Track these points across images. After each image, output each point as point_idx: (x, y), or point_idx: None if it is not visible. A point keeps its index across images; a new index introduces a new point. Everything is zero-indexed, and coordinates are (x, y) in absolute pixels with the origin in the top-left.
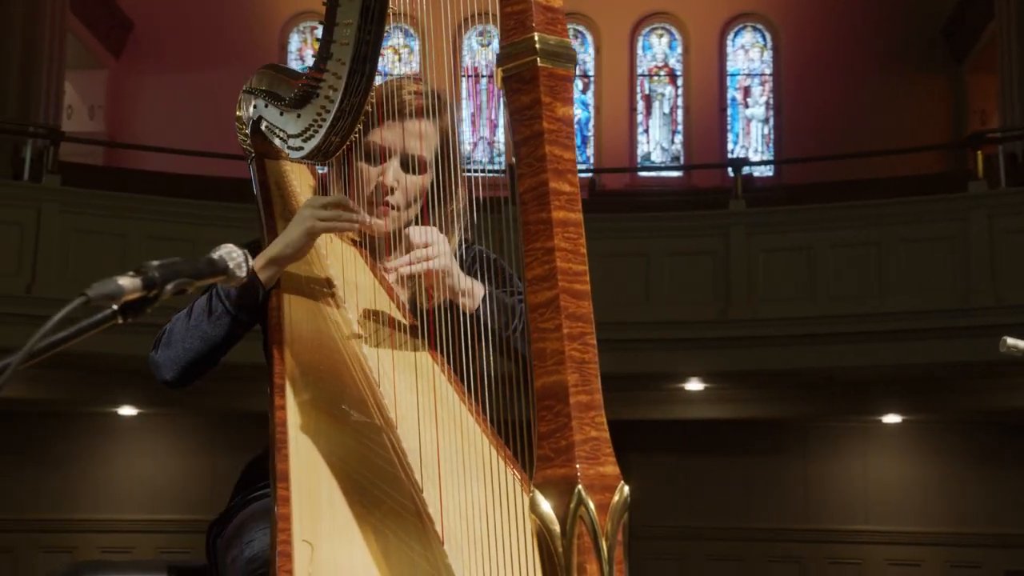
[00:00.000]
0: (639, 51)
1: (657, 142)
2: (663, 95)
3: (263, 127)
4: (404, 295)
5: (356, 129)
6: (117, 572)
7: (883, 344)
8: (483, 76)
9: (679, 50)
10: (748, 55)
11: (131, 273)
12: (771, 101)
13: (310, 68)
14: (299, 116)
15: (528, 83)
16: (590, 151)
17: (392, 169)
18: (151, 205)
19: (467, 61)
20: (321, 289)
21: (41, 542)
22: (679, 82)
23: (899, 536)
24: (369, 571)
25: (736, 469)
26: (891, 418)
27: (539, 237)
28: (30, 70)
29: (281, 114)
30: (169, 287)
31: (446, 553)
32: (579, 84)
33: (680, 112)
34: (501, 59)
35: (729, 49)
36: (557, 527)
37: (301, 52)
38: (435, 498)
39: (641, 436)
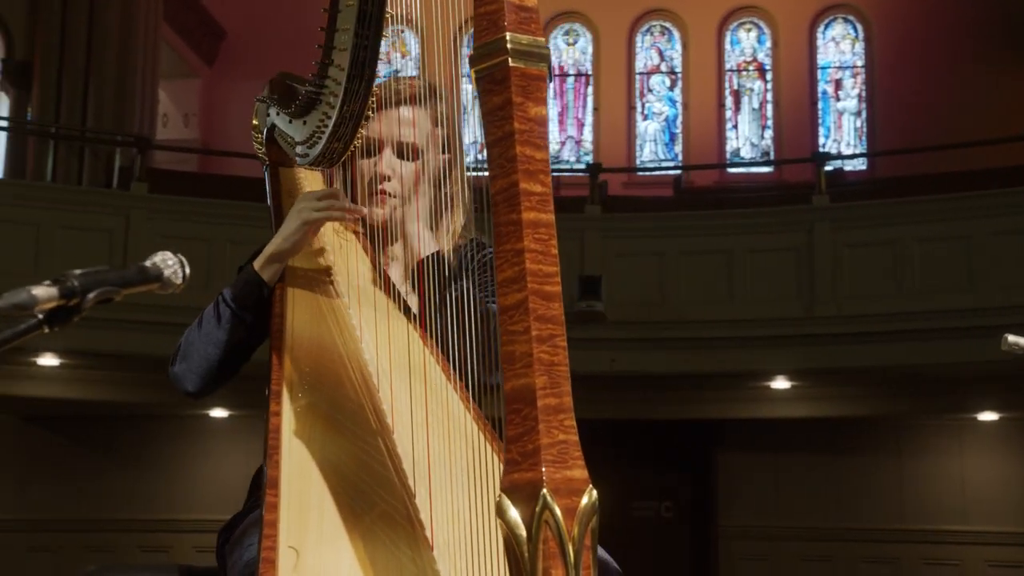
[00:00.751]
0: (727, 46)
1: (746, 138)
2: (752, 90)
3: (276, 135)
4: (414, 301)
5: (359, 135)
6: (134, 573)
7: (974, 340)
8: (569, 75)
9: (768, 44)
10: (839, 47)
11: (47, 282)
12: (863, 93)
13: (313, 75)
14: (304, 123)
15: (500, 83)
16: (678, 148)
17: (386, 157)
18: (235, 210)
19: (553, 60)
20: (325, 293)
21: (138, 542)
22: (768, 76)
23: (999, 537)
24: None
25: (827, 468)
26: (987, 415)
27: (509, 239)
28: (125, 80)
29: (289, 122)
30: (91, 296)
31: (435, 558)
32: (667, 81)
33: (769, 107)
34: (473, 60)
35: (819, 42)
36: (523, 532)
37: (388, 56)
38: (427, 503)
39: (729, 436)
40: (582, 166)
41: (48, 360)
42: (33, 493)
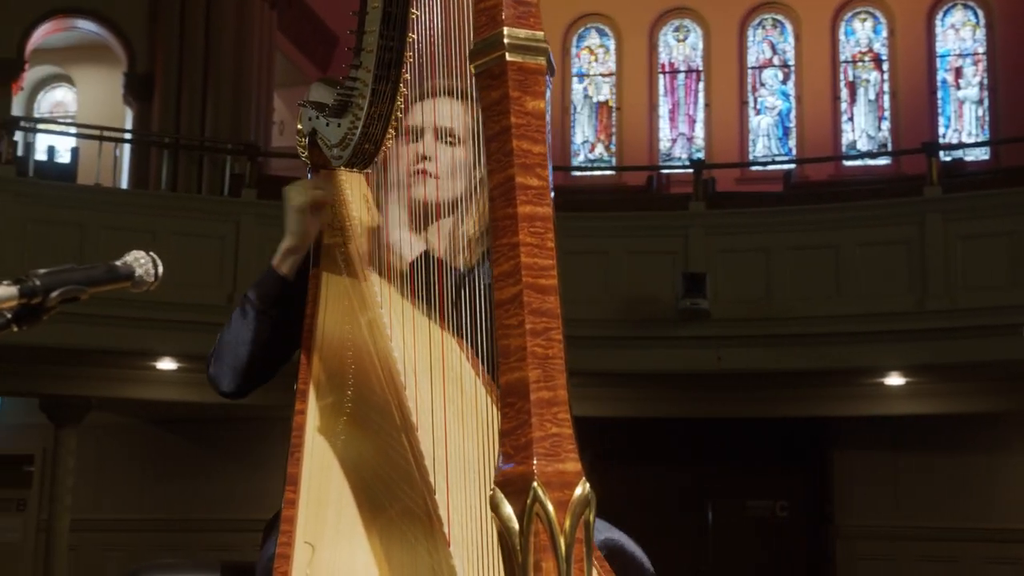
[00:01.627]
0: (841, 37)
1: (863, 130)
2: (868, 81)
3: (317, 138)
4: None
5: (389, 135)
6: (175, 572)
7: None
8: (680, 72)
9: (884, 34)
10: (959, 35)
11: (7, 282)
12: (985, 81)
13: (344, 77)
14: (339, 125)
15: (497, 78)
16: (792, 142)
17: (427, 140)
18: None
19: (663, 57)
20: (357, 291)
21: (254, 541)
22: (884, 67)
23: None
24: (369, 572)
25: (949, 466)
26: None
27: (505, 233)
28: (241, 90)
29: (327, 124)
30: (54, 294)
31: (451, 554)
32: (779, 74)
33: (886, 98)
34: (472, 55)
35: (938, 30)
36: (516, 525)
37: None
38: (445, 499)
39: (843, 434)
40: (686, 163)
41: (166, 364)
42: (158, 493)
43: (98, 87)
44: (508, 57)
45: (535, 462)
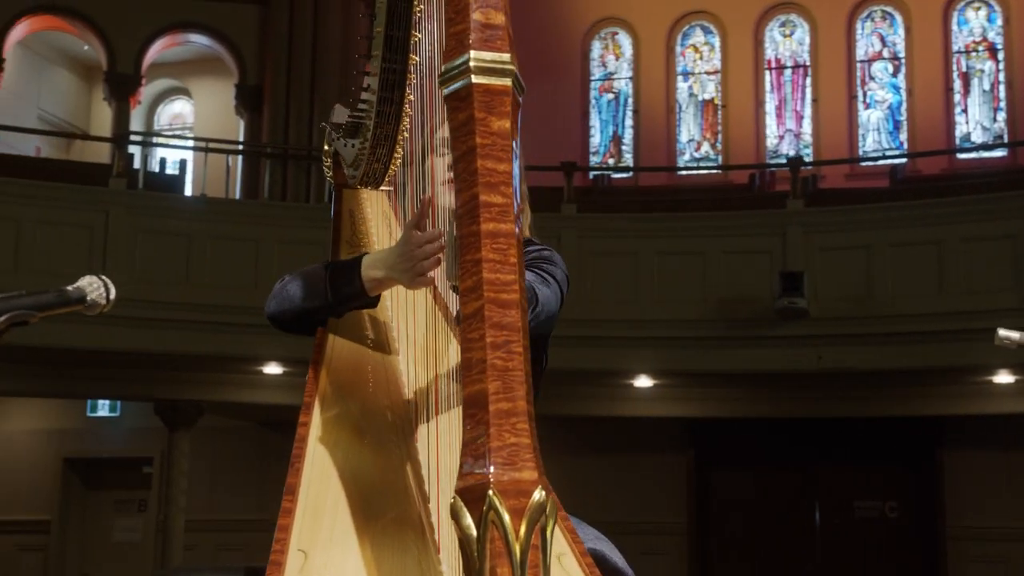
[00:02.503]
0: (953, 27)
1: (977, 121)
2: (982, 71)
3: (339, 158)
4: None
5: (398, 153)
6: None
7: None
8: (787, 67)
9: (999, 22)
10: None
11: None
12: None
13: (353, 100)
14: (352, 145)
15: (464, 100)
16: (903, 136)
17: None
18: None
19: (769, 53)
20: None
21: None
22: (1000, 56)
23: None
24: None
25: None
26: None
27: (469, 250)
28: (347, 98)
29: (344, 145)
30: (2, 319)
31: (440, 560)
32: (889, 67)
33: (1002, 88)
34: (442, 80)
35: None
36: (474, 532)
37: (603, 59)
38: (436, 508)
39: (952, 433)
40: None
41: (272, 368)
42: (269, 493)
43: (213, 99)
44: (474, 80)
45: (492, 471)
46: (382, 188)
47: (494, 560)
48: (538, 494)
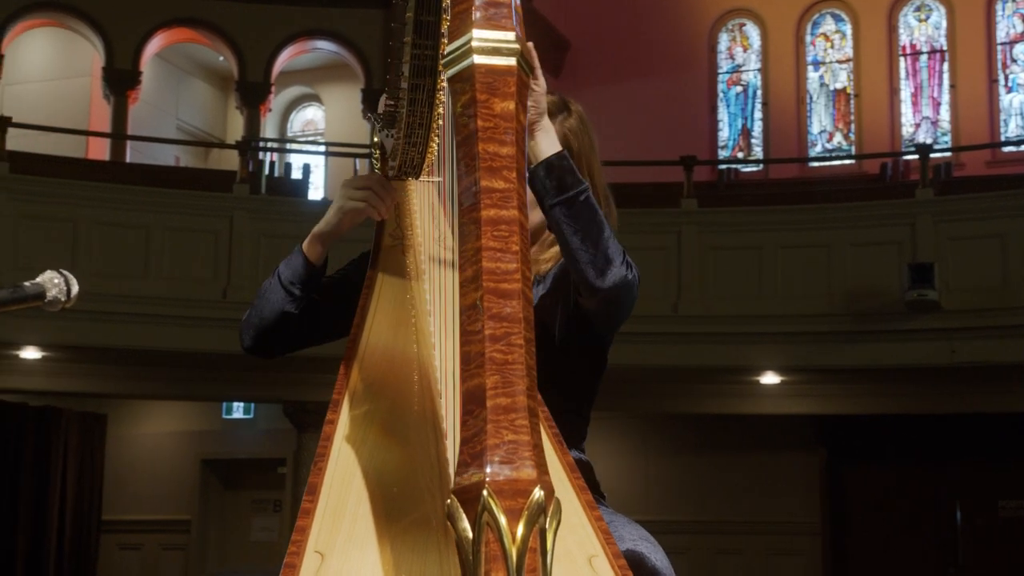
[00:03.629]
0: None
1: None
2: None
3: (383, 150)
4: None
5: (434, 140)
6: None
7: None
8: (922, 53)
9: None
10: None
11: None
12: None
13: (393, 89)
14: (390, 136)
15: (466, 82)
16: None
17: None
18: None
19: (904, 39)
20: (411, 301)
21: None
22: None
23: None
24: None
25: None
26: None
27: (469, 238)
28: None
29: (386, 136)
30: None
31: None
32: None
33: None
34: (445, 62)
35: None
36: (469, 535)
37: (731, 51)
38: None
39: None
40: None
41: None
42: None
43: (343, 104)
44: (476, 60)
45: (488, 470)
46: (431, 180)
47: (489, 564)
48: (537, 494)
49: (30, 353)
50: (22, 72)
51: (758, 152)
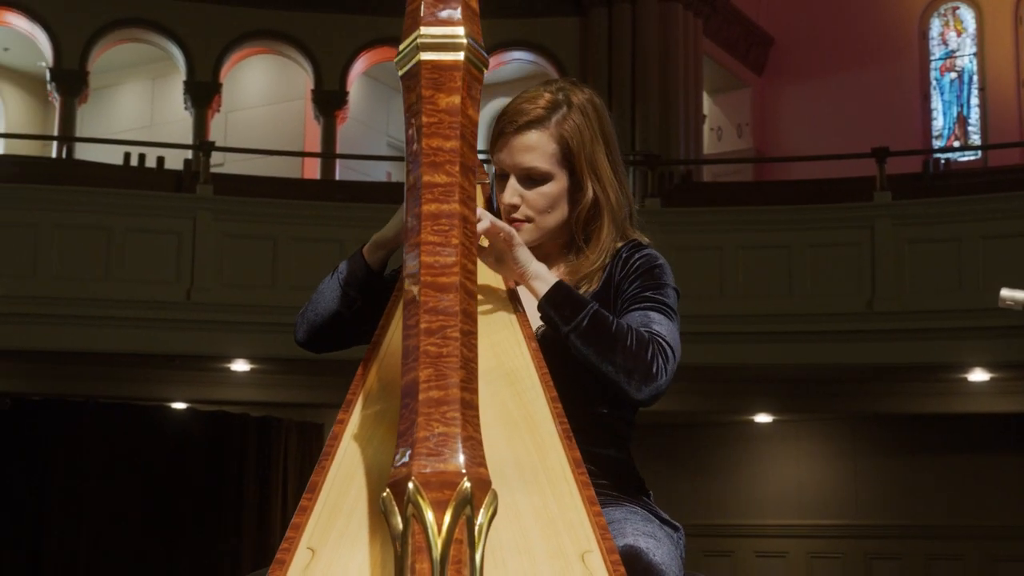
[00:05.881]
0: None
1: None
2: None
3: None
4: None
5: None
6: None
7: None
8: None
9: None
10: None
11: None
12: None
13: None
14: None
15: (414, 78)
16: None
17: (510, 186)
18: (742, 215)
19: None
20: None
21: (702, 547)
22: None
23: None
24: (362, 573)
25: None
26: None
27: (412, 234)
28: (668, 102)
29: None
30: None
31: None
32: None
33: None
34: (397, 61)
35: None
36: (400, 526)
37: (944, 37)
38: None
39: None
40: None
41: None
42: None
43: None
44: (422, 56)
45: (415, 463)
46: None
47: (415, 556)
48: (465, 485)
49: (240, 366)
50: (241, 99)
51: (976, 140)
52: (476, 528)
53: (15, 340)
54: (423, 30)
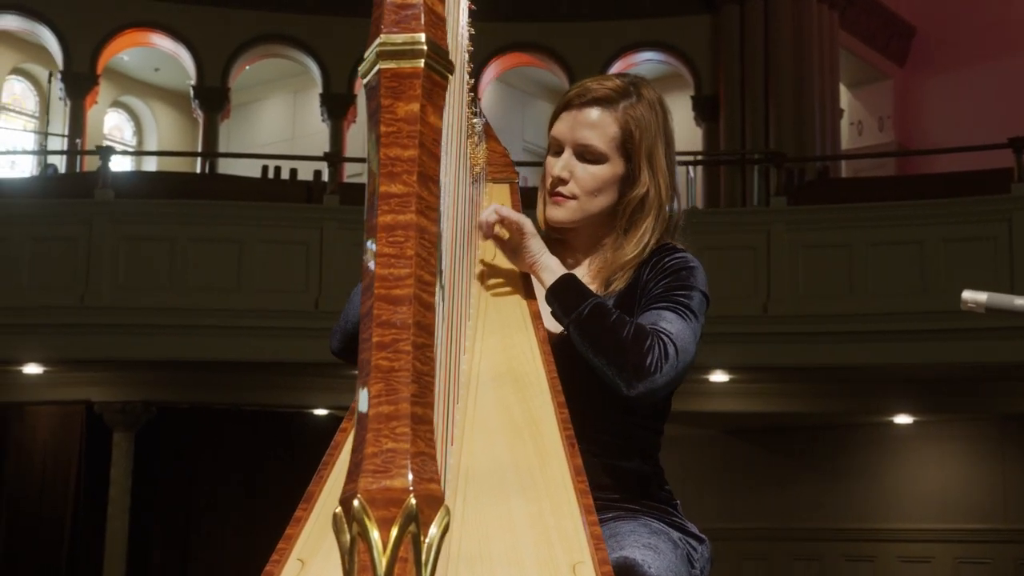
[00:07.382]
0: None
1: None
2: None
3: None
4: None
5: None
6: None
7: None
8: None
9: None
10: None
11: None
12: None
13: None
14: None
15: (374, 89)
16: None
17: (563, 159)
18: (869, 212)
19: None
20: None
21: (843, 551)
22: None
23: None
24: None
25: None
26: None
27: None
28: (803, 97)
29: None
30: None
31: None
32: None
33: None
34: (361, 72)
35: None
36: (348, 544)
37: None
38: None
39: None
40: None
41: (718, 377)
42: (738, 502)
43: (676, 114)
44: (381, 65)
45: (363, 479)
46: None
47: (360, 575)
48: (411, 502)
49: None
50: None
51: None
52: (424, 546)
53: (155, 351)
54: (383, 37)
